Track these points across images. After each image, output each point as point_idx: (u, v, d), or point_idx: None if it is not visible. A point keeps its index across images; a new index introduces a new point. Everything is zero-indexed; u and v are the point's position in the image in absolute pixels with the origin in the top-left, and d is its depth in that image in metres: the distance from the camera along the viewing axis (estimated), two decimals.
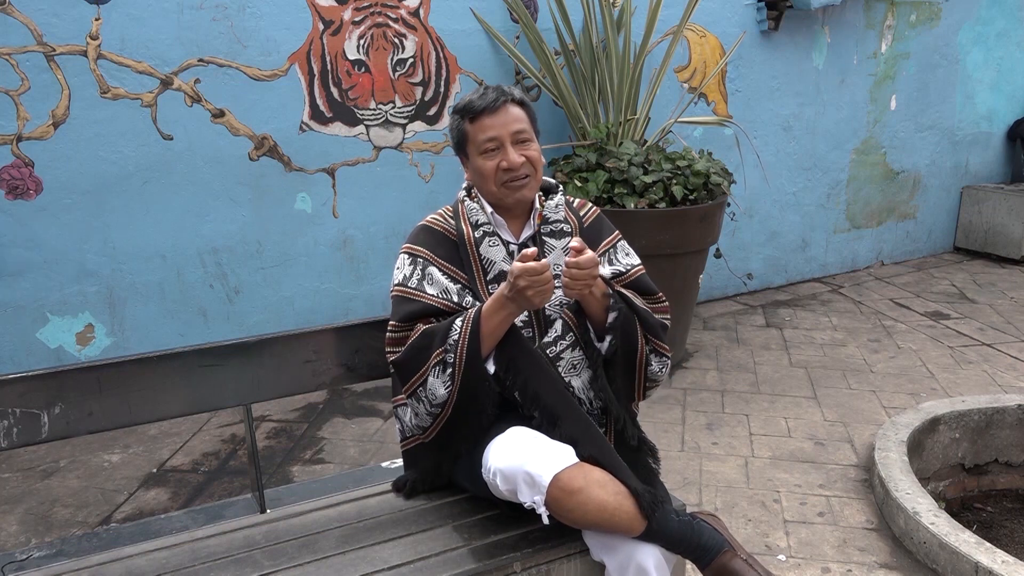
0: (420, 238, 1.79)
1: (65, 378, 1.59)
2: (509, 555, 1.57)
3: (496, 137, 1.72)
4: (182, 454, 3.06)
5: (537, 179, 1.78)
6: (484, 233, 1.76)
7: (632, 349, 1.71)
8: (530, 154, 1.74)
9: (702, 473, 2.86)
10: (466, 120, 1.75)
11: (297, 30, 3.45)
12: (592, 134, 3.77)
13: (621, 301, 1.69)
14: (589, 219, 1.87)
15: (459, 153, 1.82)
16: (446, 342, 1.61)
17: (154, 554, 1.62)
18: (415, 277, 1.73)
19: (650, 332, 1.74)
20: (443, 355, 1.61)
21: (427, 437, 1.73)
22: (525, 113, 1.76)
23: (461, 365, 1.60)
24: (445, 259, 1.75)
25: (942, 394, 3.46)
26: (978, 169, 5.90)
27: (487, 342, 1.60)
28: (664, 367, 1.78)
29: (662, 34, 4.17)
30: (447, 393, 1.62)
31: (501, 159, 1.72)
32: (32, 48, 3.01)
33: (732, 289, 4.94)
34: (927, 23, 5.25)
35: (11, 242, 3.10)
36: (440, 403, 1.64)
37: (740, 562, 1.56)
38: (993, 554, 2.12)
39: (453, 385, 1.61)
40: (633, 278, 1.81)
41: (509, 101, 1.74)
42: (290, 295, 3.68)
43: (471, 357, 1.59)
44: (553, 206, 1.82)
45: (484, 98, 1.73)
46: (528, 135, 1.75)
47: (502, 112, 1.72)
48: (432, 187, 3.88)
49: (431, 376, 1.63)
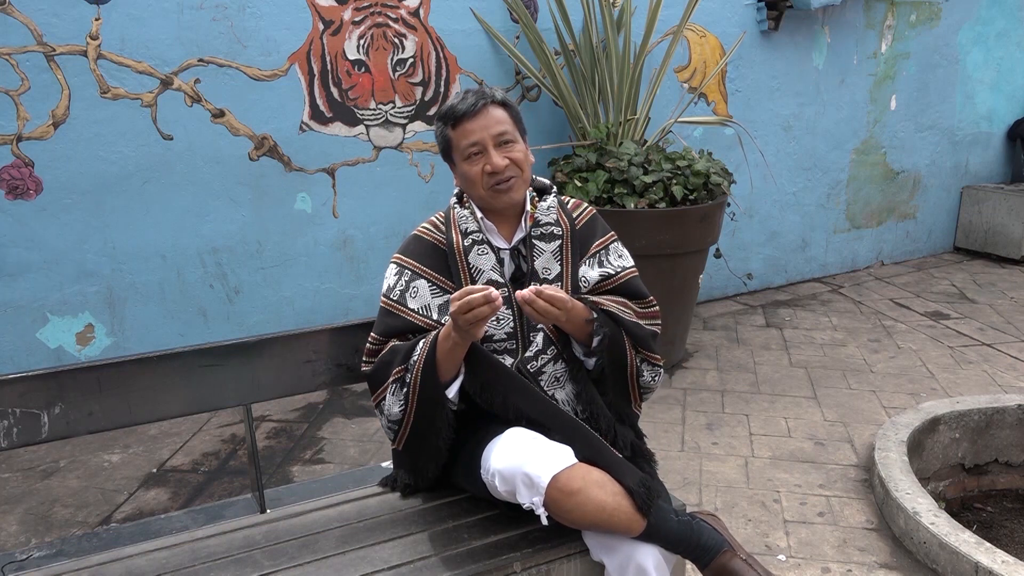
0: (410, 248, 1.78)
1: (65, 378, 1.59)
2: (509, 555, 1.57)
3: (478, 141, 1.69)
4: (182, 454, 3.06)
5: (524, 179, 1.76)
6: (473, 241, 1.75)
7: (622, 365, 1.71)
8: (514, 155, 1.71)
9: (702, 473, 2.86)
10: (448, 126, 1.73)
11: (297, 30, 3.45)
12: (592, 134, 3.77)
13: (606, 321, 1.68)
14: (582, 220, 1.84)
15: (446, 160, 1.81)
16: (407, 362, 1.64)
17: (154, 554, 1.62)
18: (398, 289, 1.73)
19: (640, 344, 1.73)
20: (402, 374, 1.64)
21: (397, 446, 1.74)
22: (508, 114, 1.73)
23: (416, 386, 1.61)
24: (433, 269, 1.75)
25: (942, 394, 3.46)
26: (978, 169, 5.90)
27: (444, 367, 1.60)
28: (656, 375, 1.78)
29: (662, 34, 4.17)
30: (401, 413, 1.65)
31: (485, 163, 1.70)
32: (32, 48, 3.01)
33: (732, 289, 4.94)
34: (927, 23, 5.25)
35: (11, 242, 3.10)
36: (396, 420, 1.67)
37: (740, 562, 1.56)
38: (993, 554, 2.12)
39: (407, 406, 1.63)
40: (622, 281, 1.79)
41: (490, 103, 1.71)
42: (290, 295, 3.68)
43: (426, 379, 1.60)
44: (545, 208, 1.80)
45: (464, 102, 1.70)
46: (511, 136, 1.72)
47: (483, 115, 1.69)
48: (432, 187, 3.89)
49: (388, 394, 1.66)
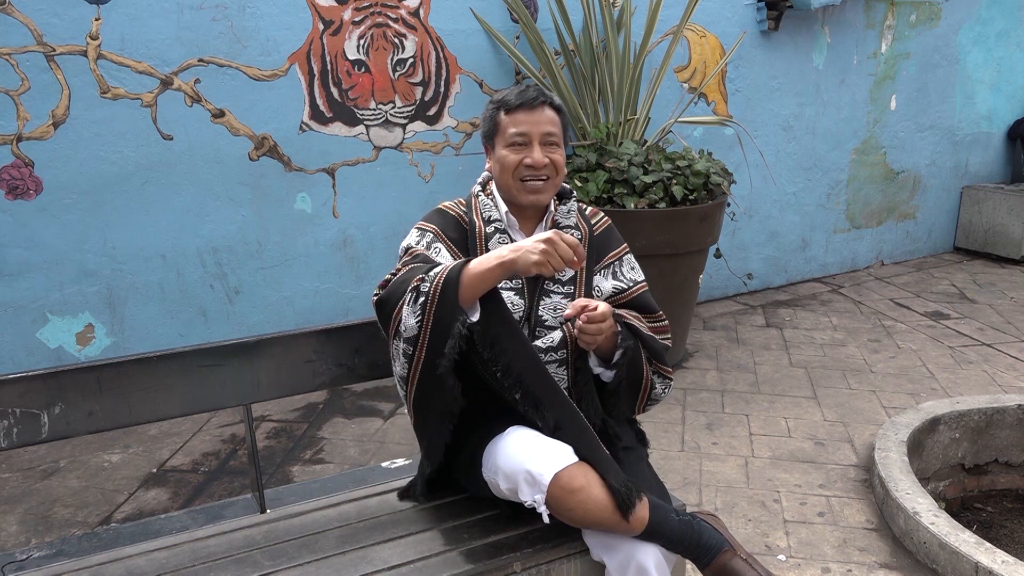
0: (434, 219, 1.79)
1: (65, 378, 1.59)
2: (509, 555, 1.57)
3: (526, 133, 1.74)
4: (182, 454, 3.06)
5: (555, 184, 1.79)
6: (496, 230, 1.77)
7: (638, 378, 1.73)
8: (555, 157, 1.76)
9: (702, 473, 2.86)
10: (501, 111, 1.78)
11: (297, 30, 3.45)
12: (592, 134, 3.77)
13: (628, 335, 1.69)
14: (600, 228, 1.89)
15: (486, 143, 1.84)
16: (427, 273, 1.56)
17: (154, 554, 1.62)
18: (420, 246, 1.73)
19: (655, 358, 1.75)
20: (419, 283, 1.54)
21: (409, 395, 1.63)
22: (560, 119, 1.79)
23: (435, 296, 1.51)
24: (454, 242, 1.75)
25: (942, 394, 3.46)
26: (978, 169, 5.90)
27: (467, 291, 1.51)
28: (667, 388, 1.80)
29: (662, 34, 4.17)
30: (417, 326, 1.53)
31: (526, 155, 1.73)
32: (32, 48, 3.01)
33: (732, 289, 4.94)
34: (927, 23, 5.25)
35: (11, 242, 3.10)
36: (412, 337, 1.55)
37: (740, 562, 1.56)
38: (993, 554, 2.12)
39: (424, 316, 1.52)
40: (634, 295, 1.82)
41: (548, 104, 1.77)
42: (290, 295, 3.68)
43: (446, 288, 1.50)
44: (565, 211, 1.83)
45: (524, 94, 1.76)
46: (556, 139, 1.77)
47: (538, 111, 1.75)
48: (432, 187, 3.89)
49: (405, 307, 1.55)
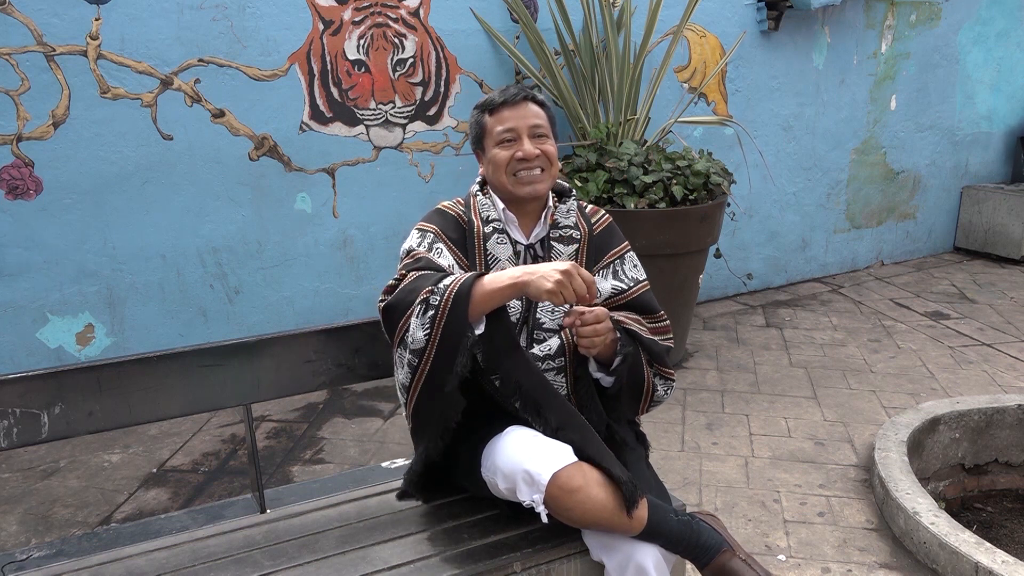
0: (434, 219, 1.79)
1: (65, 378, 1.59)
2: (509, 555, 1.57)
3: (513, 128, 1.74)
4: (182, 454, 3.06)
5: (551, 174, 1.78)
6: (494, 229, 1.77)
7: (639, 382, 1.72)
8: (546, 148, 1.76)
9: (702, 473, 2.86)
10: (486, 113, 1.78)
11: (297, 30, 3.45)
12: (592, 134, 3.77)
13: (628, 340, 1.67)
14: (600, 227, 1.87)
15: (476, 149, 1.84)
16: (436, 285, 1.55)
17: (154, 554, 1.62)
18: (422, 247, 1.72)
19: (656, 360, 1.74)
20: (428, 295, 1.54)
21: (409, 403, 1.63)
22: (545, 112, 1.80)
23: (445, 310, 1.51)
24: (454, 243, 1.75)
25: (942, 394, 3.46)
26: (978, 169, 5.89)
27: (477, 307, 1.52)
28: (669, 389, 1.79)
29: (662, 34, 4.17)
30: (425, 339, 1.52)
31: (516, 149, 1.74)
32: (32, 48, 3.01)
33: (732, 289, 4.94)
34: (927, 23, 5.25)
35: (11, 242, 3.10)
36: (419, 349, 1.54)
37: (739, 562, 1.56)
38: (993, 554, 2.12)
39: (433, 329, 1.52)
40: (635, 295, 1.80)
41: (530, 99, 1.78)
42: (290, 295, 3.68)
43: (457, 305, 1.50)
44: (565, 210, 1.82)
45: (506, 92, 1.78)
46: (545, 131, 1.78)
47: (521, 107, 1.76)
48: (432, 187, 3.89)
49: (414, 318, 1.54)
